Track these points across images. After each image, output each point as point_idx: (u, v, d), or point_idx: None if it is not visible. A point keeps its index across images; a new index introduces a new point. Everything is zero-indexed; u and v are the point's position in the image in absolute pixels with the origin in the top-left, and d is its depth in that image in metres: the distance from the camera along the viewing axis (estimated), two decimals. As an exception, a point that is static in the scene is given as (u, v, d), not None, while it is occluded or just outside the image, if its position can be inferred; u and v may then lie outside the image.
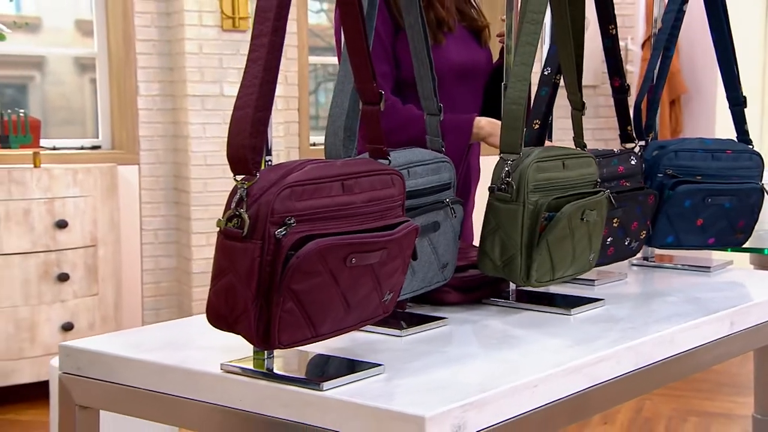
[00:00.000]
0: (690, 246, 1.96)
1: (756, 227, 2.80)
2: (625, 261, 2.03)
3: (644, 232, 1.90)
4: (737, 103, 2.03)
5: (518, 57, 1.56)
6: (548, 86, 1.80)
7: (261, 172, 1.18)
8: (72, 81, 5.45)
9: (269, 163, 1.44)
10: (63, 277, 4.21)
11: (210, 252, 1.23)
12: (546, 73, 1.80)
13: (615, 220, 1.80)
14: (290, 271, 1.14)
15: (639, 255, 2.06)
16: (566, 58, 1.70)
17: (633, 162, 1.86)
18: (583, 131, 1.76)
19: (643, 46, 5.89)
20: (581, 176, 1.64)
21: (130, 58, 4.92)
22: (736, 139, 2.02)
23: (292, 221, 1.15)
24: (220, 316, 1.19)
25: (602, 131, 5.82)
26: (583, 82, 1.73)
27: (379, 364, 1.28)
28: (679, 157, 1.92)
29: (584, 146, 1.75)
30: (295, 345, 1.21)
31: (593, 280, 1.86)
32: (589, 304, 1.67)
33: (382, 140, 1.38)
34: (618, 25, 1.83)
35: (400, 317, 1.56)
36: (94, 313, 4.36)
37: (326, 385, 1.20)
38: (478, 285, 1.69)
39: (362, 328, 1.39)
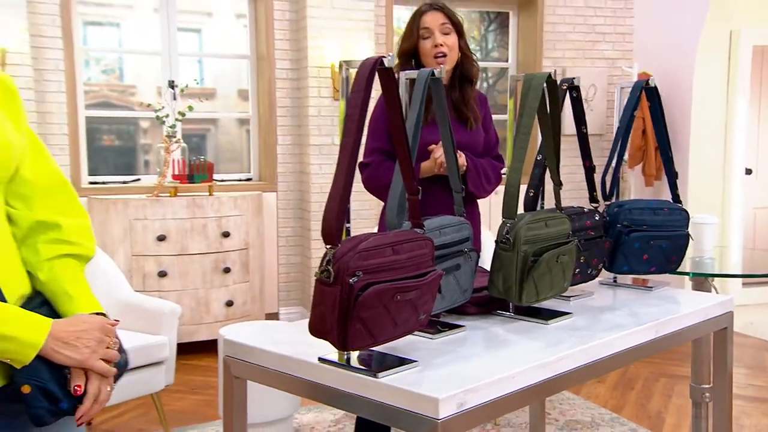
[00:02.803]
0: (638, 272, 1.97)
1: (697, 256, 2.83)
2: (596, 280, 2.01)
3: (601, 264, 1.91)
4: (672, 176, 2.03)
5: (515, 154, 1.60)
6: (539, 168, 1.83)
7: (341, 242, 1.24)
8: (235, 133, 5.52)
9: (348, 227, 1.57)
10: (226, 270, 4.33)
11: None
12: (538, 158, 1.83)
13: (582, 258, 1.81)
14: (358, 305, 1.21)
15: (608, 276, 2.05)
16: (549, 152, 1.72)
17: (596, 218, 1.87)
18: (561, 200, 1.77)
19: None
20: (558, 231, 1.66)
21: (273, 118, 5.03)
22: (671, 200, 2.02)
23: (360, 274, 1.22)
24: (317, 331, 1.26)
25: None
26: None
27: (415, 360, 1.33)
28: (632, 213, 1.92)
29: (561, 210, 1.75)
30: (361, 349, 1.28)
31: (570, 296, 1.84)
32: (561, 316, 1.66)
33: (419, 216, 1.44)
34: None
35: (435, 325, 1.57)
36: (247, 294, 4.46)
37: (380, 374, 1.26)
38: (490, 302, 1.68)
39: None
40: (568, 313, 1.70)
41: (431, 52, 2.19)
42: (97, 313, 1.29)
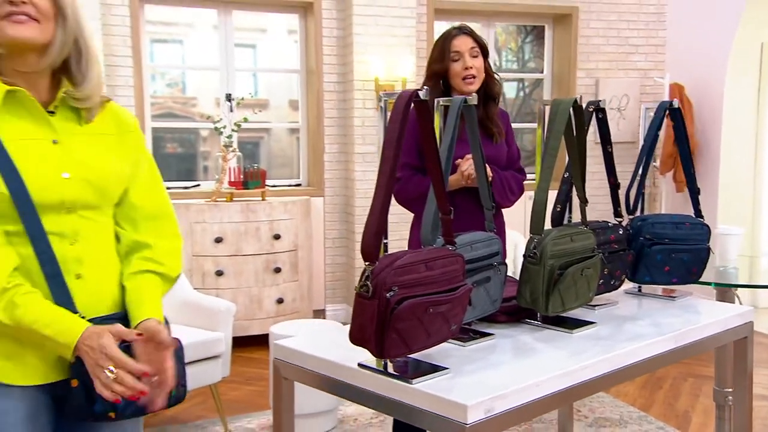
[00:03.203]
0: (660, 283, 1.96)
1: (722, 265, 2.77)
2: (621, 289, 2.00)
3: (624, 275, 1.91)
4: (695, 191, 2.01)
5: (542, 175, 1.62)
6: (567, 185, 1.84)
7: (379, 260, 1.27)
8: (286, 140, 5.57)
9: (386, 243, 1.60)
10: (277, 270, 4.40)
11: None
12: (565, 176, 1.84)
13: (606, 270, 1.82)
14: (394, 317, 1.24)
15: (633, 284, 2.04)
16: (575, 172, 1.74)
17: (620, 232, 1.87)
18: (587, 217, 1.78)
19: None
20: (584, 246, 1.67)
21: (320, 127, 5.08)
22: (694, 215, 2.00)
23: (396, 289, 1.25)
24: (357, 339, 1.29)
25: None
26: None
27: (447, 368, 1.35)
28: (654, 227, 1.92)
29: (587, 225, 1.75)
30: (397, 357, 1.31)
31: (595, 306, 1.84)
32: (586, 326, 1.66)
33: (452, 234, 1.46)
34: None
35: (468, 332, 1.60)
36: (296, 292, 4.52)
37: (414, 380, 1.29)
38: (518, 311, 1.69)
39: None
40: (592, 323, 1.71)
41: (461, 74, 2.21)
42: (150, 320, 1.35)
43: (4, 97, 1.28)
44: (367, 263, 1.28)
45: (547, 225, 1.76)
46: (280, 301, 4.41)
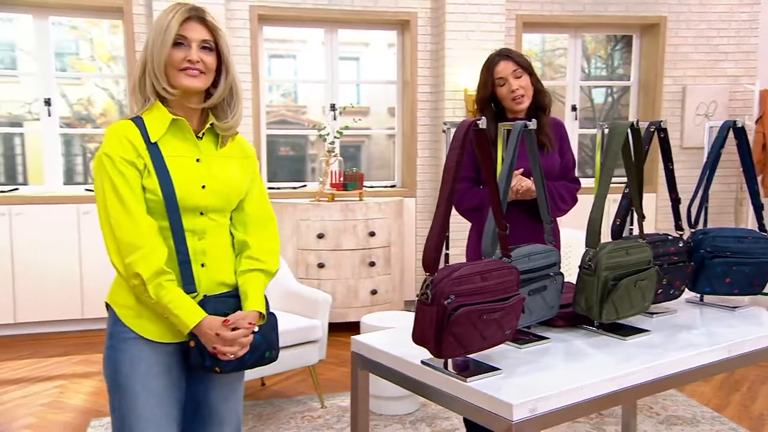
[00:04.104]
0: (721, 293, 1.90)
1: None
2: (682, 298, 1.97)
3: (684, 286, 1.87)
4: (758, 207, 1.94)
5: (598, 192, 1.61)
6: (626, 199, 1.81)
7: (438, 270, 1.33)
8: (384, 144, 5.67)
9: (447, 254, 1.65)
10: (372, 264, 4.49)
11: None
12: (625, 192, 1.81)
13: (664, 280, 1.79)
14: (451, 323, 1.30)
15: (693, 295, 2.00)
16: (633, 190, 1.72)
17: (680, 245, 1.84)
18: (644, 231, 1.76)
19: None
20: (639, 259, 1.66)
21: (414, 134, 5.15)
22: (758, 230, 1.93)
23: (453, 297, 1.30)
24: (418, 340, 1.36)
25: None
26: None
27: (499, 368, 1.39)
28: (716, 241, 1.87)
29: (645, 238, 1.74)
30: (454, 357, 1.37)
31: (653, 313, 1.82)
32: (639, 333, 1.64)
33: (507, 248, 1.49)
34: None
35: (528, 335, 1.62)
36: (388, 284, 4.60)
37: (469, 379, 1.34)
38: (576, 317, 1.70)
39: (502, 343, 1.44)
40: (646, 331, 1.69)
41: (509, 96, 2.20)
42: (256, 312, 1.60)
43: (170, 123, 1.54)
44: (427, 273, 1.35)
45: (608, 237, 1.76)
46: (374, 292, 4.52)
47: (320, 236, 4.39)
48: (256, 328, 1.57)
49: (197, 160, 1.57)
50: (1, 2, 4.56)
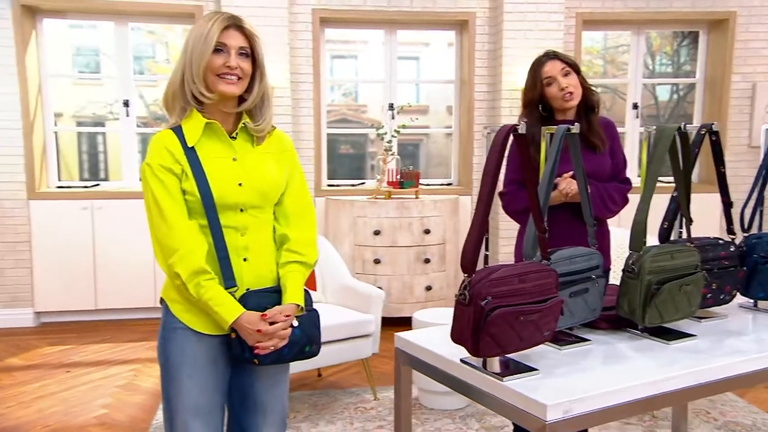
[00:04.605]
0: None
1: None
2: (735, 303, 1.90)
3: (735, 291, 1.81)
4: None
5: (643, 196, 1.59)
6: (674, 203, 1.77)
7: (476, 272, 1.35)
8: (442, 143, 5.67)
9: (487, 255, 1.65)
10: (427, 261, 4.49)
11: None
12: (674, 195, 1.77)
13: (714, 285, 1.74)
14: (487, 323, 1.32)
15: (746, 300, 1.92)
16: (681, 193, 1.69)
17: (732, 249, 1.78)
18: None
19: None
20: (685, 263, 1.62)
21: (470, 132, 5.12)
22: None
23: (489, 298, 1.32)
24: (456, 339, 1.38)
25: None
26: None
27: (537, 369, 1.39)
28: None
29: (692, 243, 1.70)
30: (491, 356, 1.37)
31: (702, 318, 1.78)
32: (684, 337, 1.61)
33: (547, 251, 1.48)
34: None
35: (571, 336, 1.60)
36: (443, 281, 4.60)
37: (506, 378, 1.35)
38: (619, 320, 1.67)
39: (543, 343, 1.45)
40: (692, 335, 1.65)
41: (558, 95, 2.17)
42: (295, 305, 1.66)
43: (204, 127, 1.60)
44: (465, 275, 1.37)
45: (655, 241, 1.72)
46: (428, 288, 4.54)
47: (376, 233, 4.45)
48: (295, 322, 1.61)
49: (233, 160, 1.62)
50: (85, 10, 4.83)
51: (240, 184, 1.61)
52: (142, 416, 3.18)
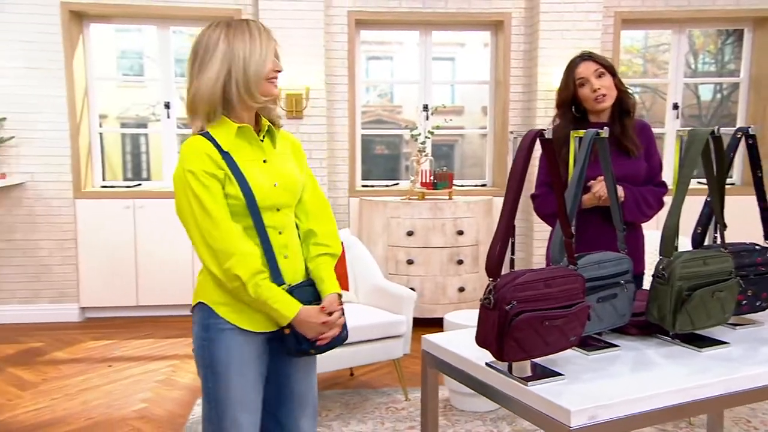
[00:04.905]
0: None
1: None
2: None
3: None
4: None
5: (674, 201, 1.56)
6: (708, 207, 1.74)
7: (500, 276, 1.35)
8: (477, 144, 5.64)
9: (513, 258, 1.64)
10: (460, 262, 4.48)
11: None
12: (707, 200, 1.74)
13: (750, 291, 1.70)
14: (512, 327, 1.32)
15: None
16: (715, 198, 1.65)
17: None
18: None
19: None
20: (718, 269, 1.59)
21: (505, 133, 5.06)
22: None
23: (514, 302, 1.32)
24: (481, 342, 1.38)
25: None
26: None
27: (562, 374, 1.38)
28: None
29: (726, 248, 1.66)
30: (515, 360, 1.37)
31: (737, 325, 1.73)
32: (717, 345, 1.57)
33: (573, 256, 1.47)
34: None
35: (600, 341, 1.59)
36: (476, 282, 4.57)
37: (530, 383, 1.35)
38: (650, 325, 1.64)
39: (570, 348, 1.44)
40: (725, 343, 1.61)
41: (590, 96, 2.15)
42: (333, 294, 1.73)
43: (236, 131, 1.65)
44: (490, 279, 1.37)
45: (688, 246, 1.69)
46: (461, 289, 4.53)
47: (410, 233, 4.46)
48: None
49: (264, 162, 1.68)
50: (130, 15, 4.97)
51: (275, 185, 1.66)
52: (179, 411, 3.27)
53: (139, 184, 5.20)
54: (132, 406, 3.32)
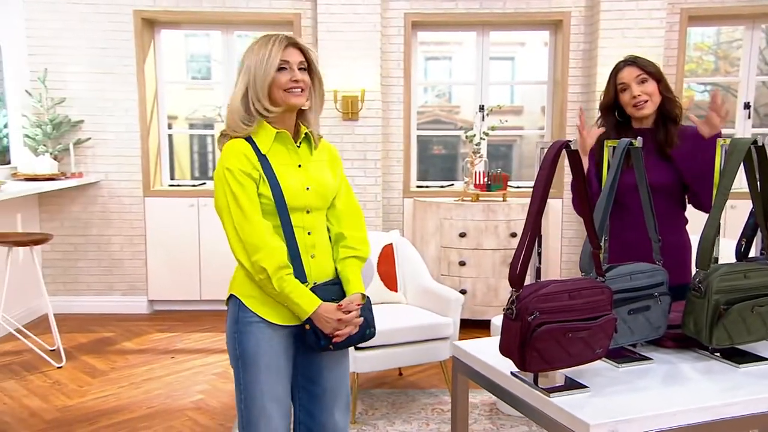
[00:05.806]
0: None
1: None
2: None
3: None
4: None
5: (712, 212, 1.52)
6: (753, 218, 1.65)
7: (524, 287, 1.37)
8: (532, 143, 5.66)
9: (539, 267, 1.63)
10: (513, 264, 4.55)
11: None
12: (752, 210, 1.65)
13: (796, 307, 1.60)
14: (534, 338, 1.32)
15: None
16: (758, 210, 1.59)
17: None
18: None
19: None
20: (761, 283, 1.53)
21: (563, 134, 4.97)
22: None
23: (537, 313, 1.32)
24: (504, 352, 1.40)
25: None
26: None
27: (587, 386, 1.36)
28: None
29: (770, 261, 1.58)
30: (538, 371, 1.36)
31: (782, 341, 1.63)
32: (757, 361, 1.52)
33: (600, 267, 1.45)
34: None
35: (635, 354, 1.56)
36: (529, 285, 4.61)
37: (553, 394, 1.35)
38: (687, 339, 1.60)
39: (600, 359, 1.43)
40: (765, 359, 1.55)
41: (630, 102, 2.11)
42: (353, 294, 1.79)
43: (275, 136, 1.75)
44: (513, 289, 1.38)
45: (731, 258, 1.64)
46: (514, 292, 4.48)
47: (462, 235, 4.45)
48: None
49: (299, 166, 1.76)
50: (197, 21, 5.19)
51: (307, 189, 1.75)
52: (233, 404, 3.40)
53: (204, 183, 5.42)
54: (190, 397, 3.48)
